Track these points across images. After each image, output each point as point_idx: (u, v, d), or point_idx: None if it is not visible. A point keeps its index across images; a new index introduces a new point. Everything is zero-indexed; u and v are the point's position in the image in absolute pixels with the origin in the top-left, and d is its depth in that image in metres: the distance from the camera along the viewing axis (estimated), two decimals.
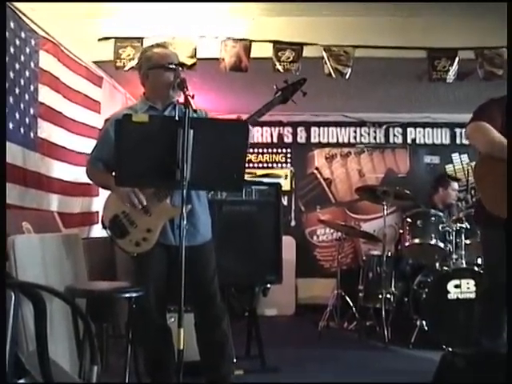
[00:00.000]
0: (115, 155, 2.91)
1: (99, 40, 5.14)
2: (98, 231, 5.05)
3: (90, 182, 3.65)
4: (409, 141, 7.96)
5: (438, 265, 5.44)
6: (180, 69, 3.29)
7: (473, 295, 5.04)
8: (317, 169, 7.94)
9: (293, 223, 7.83)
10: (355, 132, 7.96)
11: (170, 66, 3.27)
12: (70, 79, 4.82)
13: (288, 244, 6.60)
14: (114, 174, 3.07)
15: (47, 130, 4.42)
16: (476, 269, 5.15)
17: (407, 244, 5.59)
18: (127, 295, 3.22)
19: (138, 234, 3.22)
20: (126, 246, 3.25)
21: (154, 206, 3.20)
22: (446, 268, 5.31)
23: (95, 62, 5.34)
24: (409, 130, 7.96)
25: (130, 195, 3.13)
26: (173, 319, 3.62)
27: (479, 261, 5.32)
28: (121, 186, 3.09)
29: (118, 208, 3.26)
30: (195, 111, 2.83)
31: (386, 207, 5.82)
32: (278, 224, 4.64)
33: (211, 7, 4.94)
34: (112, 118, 3.44)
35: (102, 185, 3.53)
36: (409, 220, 5.65)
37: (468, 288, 5.07)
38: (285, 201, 7.56)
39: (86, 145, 4.91)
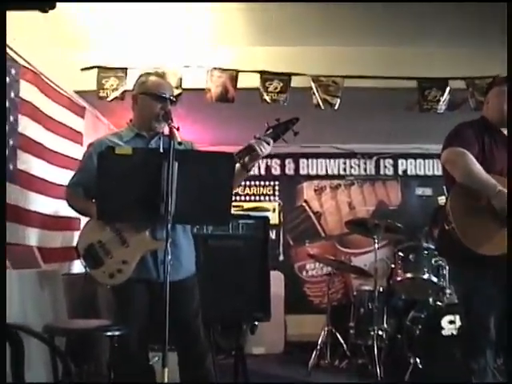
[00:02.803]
0: (98, 188, 2.86)
1: (82, 69, 5.09)
2: (79, 266, 4.91)
3: (71, 211, 3.50)
4: (400, 172, 7.91)
5: (431, 300, 5.31)
6: (169, 102, 3.23)
7: None
8: (306, 201, 7.85)
9: (281, 257, 7.71)
10: (345, 164, 7.90)
11: (161, 95, 3.22)
12: (51, 109, 4.73)
13: (276, 279, 6.44)
14: (94, 200, 3.05)
15: (27, 162, 4.31)
16: None
17: (399, 279, 5.46)
18: (109, 334, 3.13)
19: (113, 265, 3.09)
20: (100, 278, 3.12)
21: (132, 237, 3.09)
22: (439, 303, 5.20)
23: (77, 92, 5.26)
24: (400, 161, 7.91)
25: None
26: (157, 358, 3.51)
27: None
28: (103, 220, 3.01)
29: (94, 237, 3.14)
30: (180, 143, 2.81)
31: (377, 241, 5.73)
32: (265, 259, 4.53)
33: (197, 36, 4.88)
34: (95, 142, 3.38)
35: (82, 211, 3.40)
36: (401, 254, 5.53)
37: None
38: (273, 234, 7.49)
39: (68, 177, 4.77)
